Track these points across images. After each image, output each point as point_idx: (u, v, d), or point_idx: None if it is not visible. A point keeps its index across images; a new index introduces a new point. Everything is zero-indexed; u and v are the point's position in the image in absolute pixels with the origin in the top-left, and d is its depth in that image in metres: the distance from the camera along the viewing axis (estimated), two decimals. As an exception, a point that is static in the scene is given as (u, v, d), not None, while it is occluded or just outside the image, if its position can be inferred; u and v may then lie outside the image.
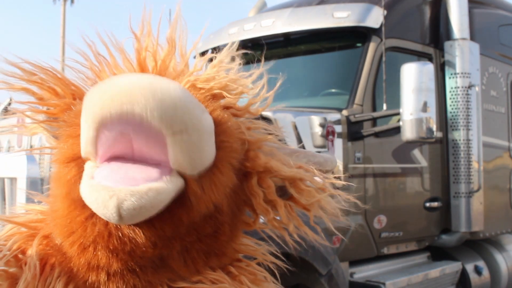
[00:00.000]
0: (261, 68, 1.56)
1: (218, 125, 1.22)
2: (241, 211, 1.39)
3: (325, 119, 3.95)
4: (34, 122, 1.40)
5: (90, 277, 1.23)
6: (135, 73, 1.24)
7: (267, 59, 1.65)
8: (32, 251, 1.28)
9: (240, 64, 1.50)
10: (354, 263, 4.27)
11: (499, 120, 5.54)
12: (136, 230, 1.16)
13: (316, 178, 1.40)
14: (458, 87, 4.88)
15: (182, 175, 1.14)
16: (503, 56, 5.65)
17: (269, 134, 1.45)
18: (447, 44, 4.95)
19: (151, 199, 1.09)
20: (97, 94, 1.10)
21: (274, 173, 1.33)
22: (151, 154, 1.13)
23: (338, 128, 4.03)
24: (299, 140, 3.78)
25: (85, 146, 1.15)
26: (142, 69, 1.33)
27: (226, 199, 1.27)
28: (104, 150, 1.13)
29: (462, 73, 4.87)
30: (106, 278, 1.22)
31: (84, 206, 1.15)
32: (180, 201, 1.16)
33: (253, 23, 5.05)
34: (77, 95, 1.35)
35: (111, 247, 1.18)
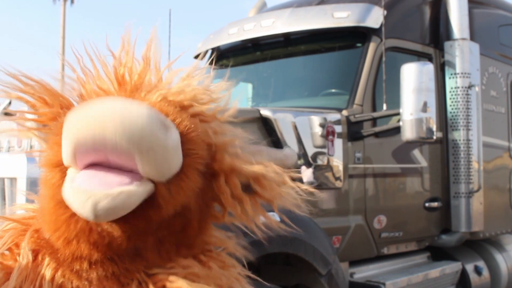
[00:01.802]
0: (226, 77, 1.76)
1: (185, 134, 1.39)
2: (209, 207, 1.57)
3: (325, 119, 3.95)
4: (22, 129, 1.58)
5: (74, 266, 1.42)
6: (109, 98, 1.41)
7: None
8: (25, 243, 1.47)
9: (209, 75, 1.67)
10: (354, 263, 4.27)
11: (499, 120, 5.54)
12: (113, 226, 1.35)
13: (277, 172, 1.57)
14: (458, 87, 4.88)
15: (151, 180, 1.32)
16: (503, 56, 5.65)
17: (236, 136, 1.62)
18: (447, 44, 4.95)
19: (123, 201, 1.28)
20: (75, 118, 1.29)
21: (239, 173, 1.51)
22: (124, 164, 1.30)
23: (338, 128, 4.03)
24: (299, 140, 3.78)
25: (65, 158, 1.33)
26: (120, 83, 1.51)
27: (193, 199, 1.44)
28: (82, 161, 1.31)
29: (462, 73, 4.88)
30: (88, 266, 1.41)
31: (67, 206, 1.33)
32: (151, 202, 1.34)
33: (253, 23, 5.05)
34: (64, 105, 1.53)
35: (92, 241, 1.37)
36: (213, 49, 5.44)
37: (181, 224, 1.46)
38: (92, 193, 1.25)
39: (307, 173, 3.75)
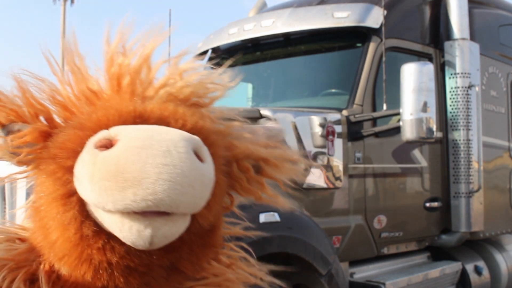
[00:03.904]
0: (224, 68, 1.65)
1: (207, 138, 1.32)
2: (223, 200, 1.50)
3: (325, 119, 3.95)
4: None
5: None
6: (142, 144, 1.22)
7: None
8: None
9: (207, 68, 1.60)
10: (354, 263, 4.27)
11: (499, 120, 5.54)
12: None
13: (282, 151, 1.57)
14: (458, 87, 4.88)
15: None
16: (503, 56, 5.65)
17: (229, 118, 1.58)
18: (447, 44, 4.95)
19: (181, 226, 1.24)
20: (113, 181, 1.16)
21: (250, 156, 1.47)
22: None
23: (338, 128, 4.03)
24: (299, 140, 3.78)
25: (97, 202, 1.21)
26: (118, 83, 1.39)
27: (217, 200, 1.37)
28: None
29: (462, 73, 4.87)
30: None
31: (96, 233, 1.23)
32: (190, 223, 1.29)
33: (253, 23, 5.04)
34: (43, 115, 1.37)
35: (131, 264, 1.26)
36: (213, 49, 5.44)
37: (210, 226, 1.40)
38: (151, 220, 1.18)
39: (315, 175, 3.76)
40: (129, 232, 1.19)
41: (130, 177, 1.15)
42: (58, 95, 1.41)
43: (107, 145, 1.21)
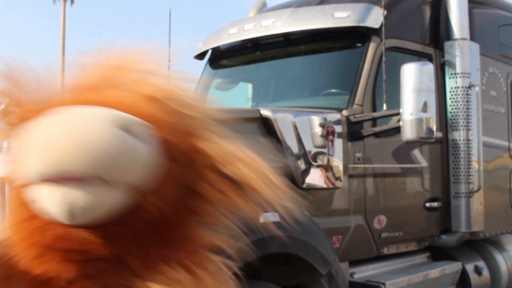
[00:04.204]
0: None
1: (160, 127, 1.27)
2: (186, 199, 1.38)
3: (325, 119, 3.95)
4: None
5: None
6: (60, 118, 1.22)
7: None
8: None
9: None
10: (354, 263, 4.27)
11: (499, 120, 5.54)
12: (91, 231, 1.21)
13: (248, 153, 1.42)
14: (458, 87, 4.88)
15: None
16: (503, 56, 5.65)
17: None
18: (447, 44, 4.95)
19: (102, 200, 1.17)
20: (31, 154, 1.16)
21: (212, 156, 1.36)
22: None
23: (338, 128, 4.03)
24: (299, 140, 3.78)
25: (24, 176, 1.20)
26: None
27: (169, 188, 1.29)
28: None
29: (462, 73, 4.87)
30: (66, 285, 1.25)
31: (33, 215, 1.20)
32: (133, 206, 1.22)
33: (253, 23, 5.05)
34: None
35: (68, 247, 1.22)
36: (213, 49, 5.44)
37: (162, 221, 1.33)
38: (68, 191, 1.15)
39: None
40: (50, 204, 1.17)
41: (40, 142, 1.15)
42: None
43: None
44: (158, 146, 1.26)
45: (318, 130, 3.88)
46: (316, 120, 3.91)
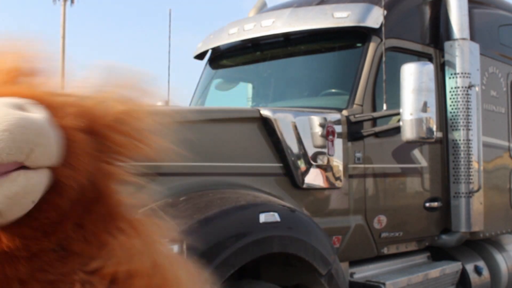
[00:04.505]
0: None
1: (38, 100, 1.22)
2: (100, 168, 1.34)
3: (325, 119, 3.95)
4: None
5: None
6: None
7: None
8: None
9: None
10: (354, 263, 4.27)
11: (499, 120, 5.54)
12: (20, 226, 1.17)
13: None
14: (458, 87, 4.88)
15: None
16: (503, 56, 5.65)
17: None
18: (447, 44, 4.95)
19: (24, 185, 1.12)
20: None
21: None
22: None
23: (338, 128, 4.03)
24: (299, 140, 3.78)
25: None
26: None
27: (80, 159, 1.25)
28: None
29: (462, 73, 4.87)
30: (19, 285, 1.20)
31: None
32: (53, 187, 1.18)
33: (253, 23, 5.05)
34: None
35: (4, 249, 1.17)
36: (213, 49, 5.44)
37: (93, 193, 1.29)
38: None
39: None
40: None
41: None
42: None
43: None
44: (54, 118, 1.22)
45: (318, 130, 3.88)
46: (316, 120, 3.91)
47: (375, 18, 4.42)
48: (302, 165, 3.77)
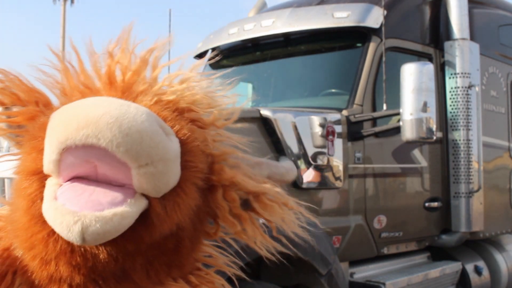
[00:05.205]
0: (232, 82, 1.61)
1: (184, 144, 1.24)
2: (203, 223, 1.40)
3: (325, 119, 3.95)
4: None
5: None
6: (102, 98, 1.23)
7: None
8: None
9: (211, 78, 1.53)
10: (354, 263, 4.27)
11: (499, 120, 5.54)
12: (100, 248, 1.18)
13: (279, 192, 1.43)
14: (458, 87, 4.88)
15: (145, 196, 1.17)
16: (503, 56, 5.65)
17: (235, 146, 1.48)
18: (447, 44, 4.95)
19: (116, 225, 1.12)
20: (63, 120, 1.12)
21: (239, 187, 1.36)
22: (115, 178, 1.15)
23: (338, 128, 4.03)
24: (299, 140, 3.78)
25: (47, 166, 1.16)
26: (110, 81, 1.35)
27: (189, 216, 1.28)
28: (67, 172, 1.15)
29: (462, 73, 4.87)
30: None
31: (44, 222, 1.17)
32: (143, 220, 1.18)
33: (253, 23, 5.04)
34: (41, 102, 1.37)
35: (74, 263, 1.20)
36: (213, 49, 5.44)
37: (174, 244, 1.31)
38: (80, 215, 1.10)
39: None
40: (60, 226, 1.13)
41: (76, 114, 1.12)
42: (58, 83, 1.41)
43: None
44: (188, 169, 1.24)
45: (318, 130, 3.88)
46: (316, 120, 3.91)
47: (375, 18, 4.42)
48: (302, 165, 3.77)
